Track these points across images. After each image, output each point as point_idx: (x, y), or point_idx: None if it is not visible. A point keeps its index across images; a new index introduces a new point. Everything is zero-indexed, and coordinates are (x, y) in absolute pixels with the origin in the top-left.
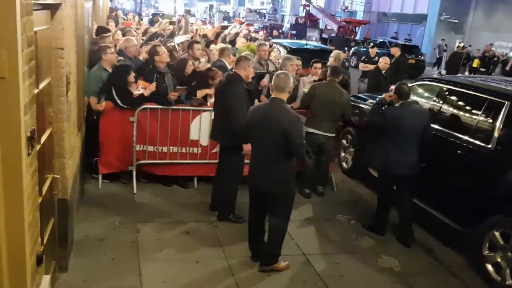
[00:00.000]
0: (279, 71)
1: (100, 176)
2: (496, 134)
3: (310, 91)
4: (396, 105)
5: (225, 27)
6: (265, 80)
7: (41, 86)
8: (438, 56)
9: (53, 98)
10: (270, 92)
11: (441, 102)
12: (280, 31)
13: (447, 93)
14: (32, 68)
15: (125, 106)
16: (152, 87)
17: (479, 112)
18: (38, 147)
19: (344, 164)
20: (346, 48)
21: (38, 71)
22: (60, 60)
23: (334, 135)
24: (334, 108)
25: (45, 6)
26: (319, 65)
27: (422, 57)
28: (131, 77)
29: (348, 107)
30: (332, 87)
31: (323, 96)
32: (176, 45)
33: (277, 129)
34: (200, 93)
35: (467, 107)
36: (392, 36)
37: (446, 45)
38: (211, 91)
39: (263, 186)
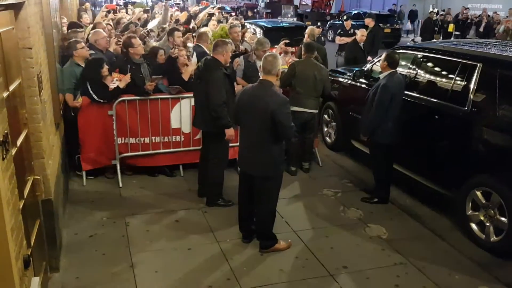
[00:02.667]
0: (268, 54)
1: (84, 173)
2: (471, 96)
3: (290, 70)
4: (384, 73)
5: (212, 14)
6: (237, 60)
7: (11, 88)
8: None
9: (25, 99)
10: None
11: (416, 69)
12: (255, 10)
13: (421, 60)
14: None
15: (102, 101)
16: (127, 78)
17: (453, 76)
18: (14, 150)
19: (327, 138)
20: (319, 23)
21: (6, 73)
22: (29, 59)
23: (317, 111)
24: (315, 84)
25: (7, 7)
26: (291, 48)
27: (398, 26)
28: (105, 70)
29: (328, 81)
30: (311, 63)
31: (304, 74)
32: (150, 31)
33: (264, 112)
34: (186, 75)
35: (442, 72)
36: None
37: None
38: (192, 66)
39: (252, 168)
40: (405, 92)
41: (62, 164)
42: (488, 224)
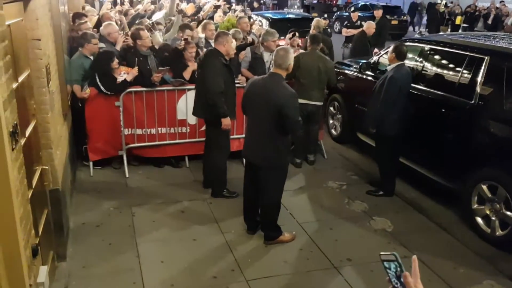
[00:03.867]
0: (280, 47)
1: (91, 163)
2: (478, 89)
3: (294, 62)
4: (392, 65)
5: (218, 6)
6: (243, 52)
7: (20, 79)
8: None
9: (34, 90)
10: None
11: (423, 61)
12: (262, 1)
13: (428, 52)
14: (8, 63)
15: (109, 93)
16: (135, 71)
17: (460, 69)
18: (23, 140)
19: (333, 131)
20: (326, 15)
21: (15, 65)
22: (38, 51)
23: (322, 103)
24: (320, 76)
25: None
26: (298, 40)
27: (405, 18)
28: (115, 63)
29: (333, 73)
30: (316, 55)
31: (308, 65)
32: (156, 23)
33: (273, 104)
34: (187, 74)
35: (449, 65)
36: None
37: None
38: (194, 65)
39: (258, 159)
40: (412, 84)
41: (70, 154)
42: (493, 218)
